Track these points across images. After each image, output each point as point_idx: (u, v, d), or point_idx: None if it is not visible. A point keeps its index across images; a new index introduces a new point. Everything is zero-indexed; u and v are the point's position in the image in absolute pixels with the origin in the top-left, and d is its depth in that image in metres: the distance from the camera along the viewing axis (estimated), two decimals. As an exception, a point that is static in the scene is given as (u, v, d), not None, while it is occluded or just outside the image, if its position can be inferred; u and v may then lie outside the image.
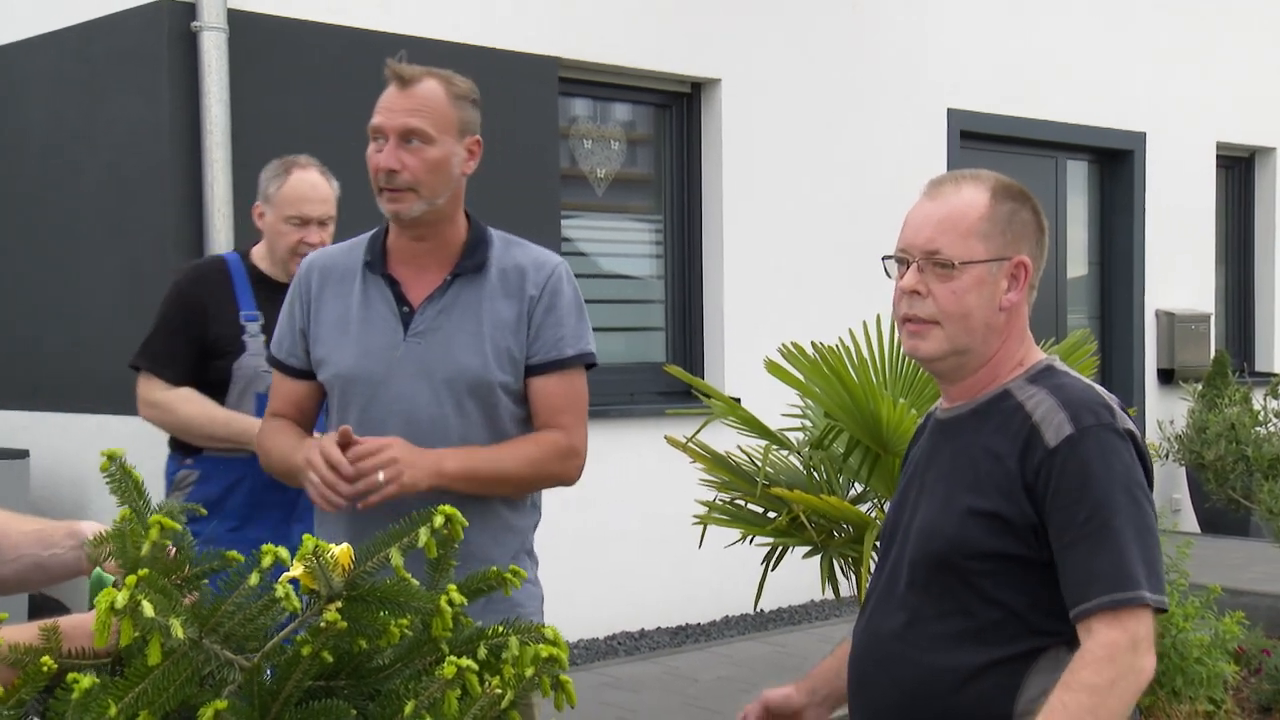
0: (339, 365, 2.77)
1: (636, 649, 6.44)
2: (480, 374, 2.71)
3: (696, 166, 7.18)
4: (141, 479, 1.74)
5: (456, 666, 1.50)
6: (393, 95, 2.72)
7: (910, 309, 2.14)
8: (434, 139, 2.69)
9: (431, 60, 6.28)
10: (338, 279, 2.82)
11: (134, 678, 1.42)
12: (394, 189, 2.68)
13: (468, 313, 2.74)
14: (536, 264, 2.82)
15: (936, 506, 2.12)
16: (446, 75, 2.78)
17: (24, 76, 6.16)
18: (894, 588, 2.17)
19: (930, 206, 2.15)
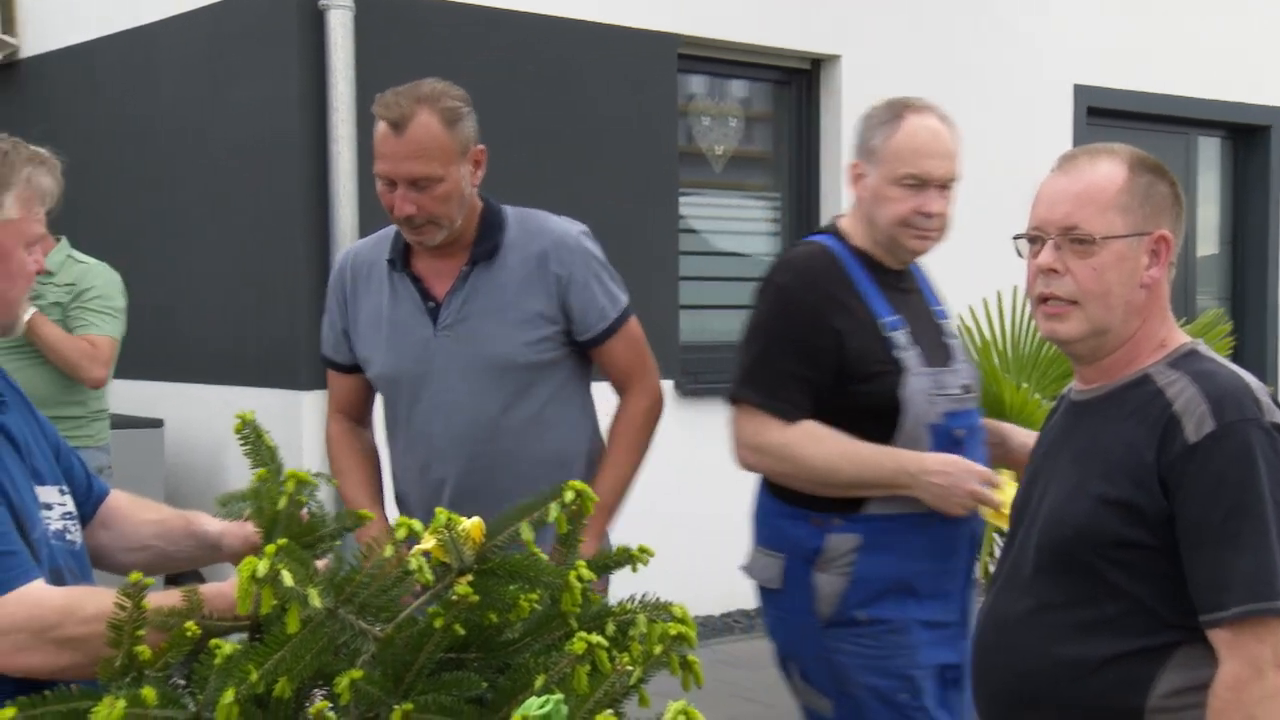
0: (379, 366, 2.85)
1: (752, 627, 6.43)
2: (508, 358, 2.77)
3: (815, 143, 7.11)
4: (275, 444, 1.79)
5: (586, 643, 1.51)
6: (390, 141, 2.69)
7: (1047, 288, 2.07)
8: (441, 176, 2.68)
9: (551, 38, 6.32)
10: (368, 276, 2.88)
11: (273, 645, 1.46)
12: (414, 227, 2.72)
13: (490, 299, 2.78)
14: (556, 241, 2.83)
15: (1067, 492, 2.06)
16: (435, 97, 2.70)
17: (157, 57, 6.32)
18: (1020, 571, 2.12)
19: (1065, 181, 2.08)
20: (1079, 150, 2.15)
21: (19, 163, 1.78)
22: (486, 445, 2.76)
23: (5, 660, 1.63)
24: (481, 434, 2.77)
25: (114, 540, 2.06)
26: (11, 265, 1.78)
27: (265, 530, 1.64)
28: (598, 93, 6.20)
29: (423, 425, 2.81)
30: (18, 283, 1.80)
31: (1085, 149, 2.14)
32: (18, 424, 1.87)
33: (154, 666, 1.49)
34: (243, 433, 1.78)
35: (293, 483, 1.62)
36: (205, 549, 2.05)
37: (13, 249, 1.78)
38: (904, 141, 2.76)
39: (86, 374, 4.45)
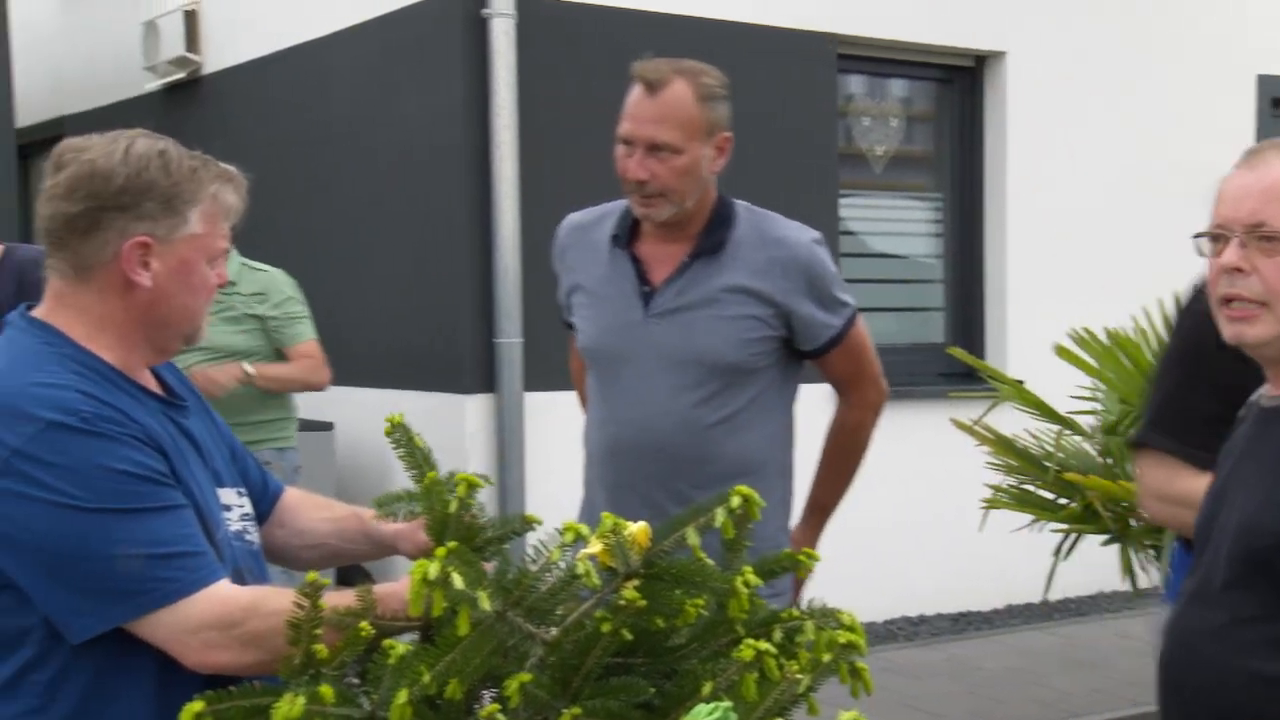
0: (587, 337, 2.85)
1: (916, 635, 6.34)
2: (715, 356, 2.72)
3: (979, 142, 6.97)
4: (427, 446, 1.81)
5: (755, 650, 1.50)
6: (640, 101, 2.68)
7: (1232, 288, 1.98)
8: (681, 148, 2.65)
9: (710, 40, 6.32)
10: (587, 245, 2.87)
11: (444, 647, 1.47)
12: (645, 195, 2.69)
13: (707, 293, 2.73)
14: (786, 244, 2.77)
15: (1260, 501, 1.96)
16: (695, 72, 2.69)
17: (328, 69, 6.49)
18: (1211, 584, 2.03)
19: (1250, 177, 1.99)
20: (1264, 145, 2.05)
21: (207, 179, 1.82)
22: (673, 439, 2.72)
23: (195, 657, 1.68)
24: (670, 427, 2.73)
25: (290, 538, 2.11)
26: (194, 279, 1.83)
27: (435, 533, 1.66)
28: (757, 94, 6.17)
29: (618, 407, 2.79)
30: (200, 295, 1.85)
31: (1271, 143, 2.05)
32: (199, 427, 1.92)
33: (330, 665, 1.52)
34: (393, 435, 1.80)
35: (464, 487, 1.64)
36: (378, 548, 2.09)
37: (196, 263, 1.82)
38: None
39: (319, 382, 4.70)
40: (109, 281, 1.79)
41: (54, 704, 1.70)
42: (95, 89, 8.38)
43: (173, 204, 1.78)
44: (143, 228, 1.77)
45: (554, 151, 5.69)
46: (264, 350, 4.65)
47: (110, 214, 1.76)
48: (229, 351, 4.55)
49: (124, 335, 1.82)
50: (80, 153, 1.78)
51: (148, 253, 1.78)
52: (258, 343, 4.64)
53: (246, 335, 4.62)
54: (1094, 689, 5.40)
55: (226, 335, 4.57)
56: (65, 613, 1.67)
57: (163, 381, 1.93)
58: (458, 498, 1.63)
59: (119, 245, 1.77)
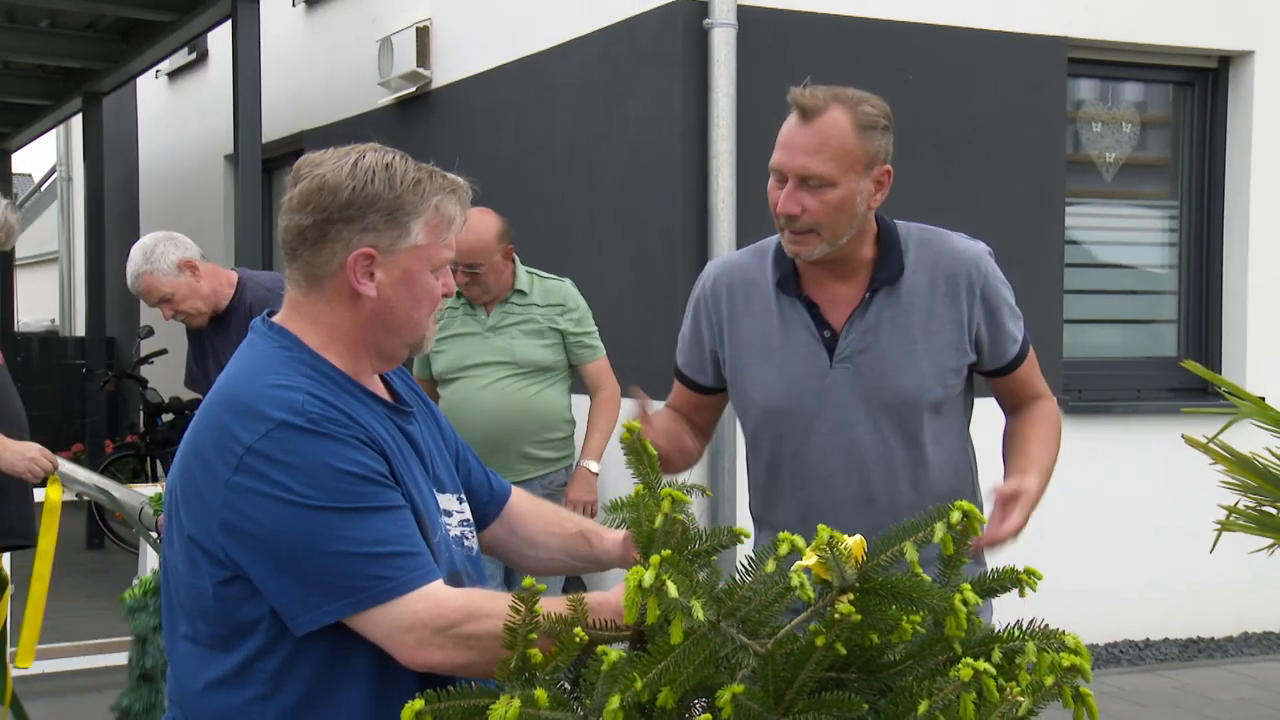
0: (766, 395, 2.65)
1: (1141, 659, 6.09)
2: (917, 394, 2.57)
3: (1220, 148, 6.66)
4: (656, 454, 1.82)
5: (973, 669, 1.46)
6: (794, 129, 2.52)
7: None
8: (835, 181, 2.47)
9: (933, 47, 6.20)
10: (747, 296, 2.68)
11: (657, 655, 1.48)
12: (795, 231, 2.52)
13: (895, 329, 2.58)
14: (967, 264, 2.60)
15: None
16: (855, 100, 2.52)
17: (554, 80, 6.62)
18: None
19: None
20: None
21: (430, 191, 1.86)
22: (887, 484, 2.59)
23: (408, 654, 1.73)
24: (884, 473, 2.59)
25: (520, 545, 2.16)
26: (417, 289, 1.87)
27: (643, 547, 1.67)
28: (984, 100, 6.04)
29: (816, 460, 2.61)
30: (423, 305, 1.89)
31: None
32: (422, 433, 1.98)
33: (544, 669, 1.54)
34: (628, 442, 1.82)
35: (669, 502, 1.64)
36: (603, 564, 2.11)
37: (419, 273, 1.86)
38: None
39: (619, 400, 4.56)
40: (337, 291, 1.86)
41: (279, 693, 1.77)
42: (332, 105, 8.75)
43: (396, 216, 1.83)
44: (367, 239, 1.83)
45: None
46: (563, 365, 4.54)
47: (337, 226, 1.82)
48: (533, 366, 4.45)
49: (352, 343, 1.88)
50: (314, 167, 1.86)
51: (372, 264, 1.84)
52: (559, 357, 4.53)
53: (550, 350, 4.50)
54: (1339, 726, 5.10)
55: (531, 349, 4.48)
56: (291, 605, 1.74)
57: (391, 387, 2.00)
58: (663, 513, 1.63)
59: (345, 256, 1.83)
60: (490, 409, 4.46)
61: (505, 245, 4.51)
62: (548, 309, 4.51)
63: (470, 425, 4.40)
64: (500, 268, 4.50)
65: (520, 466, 4.45)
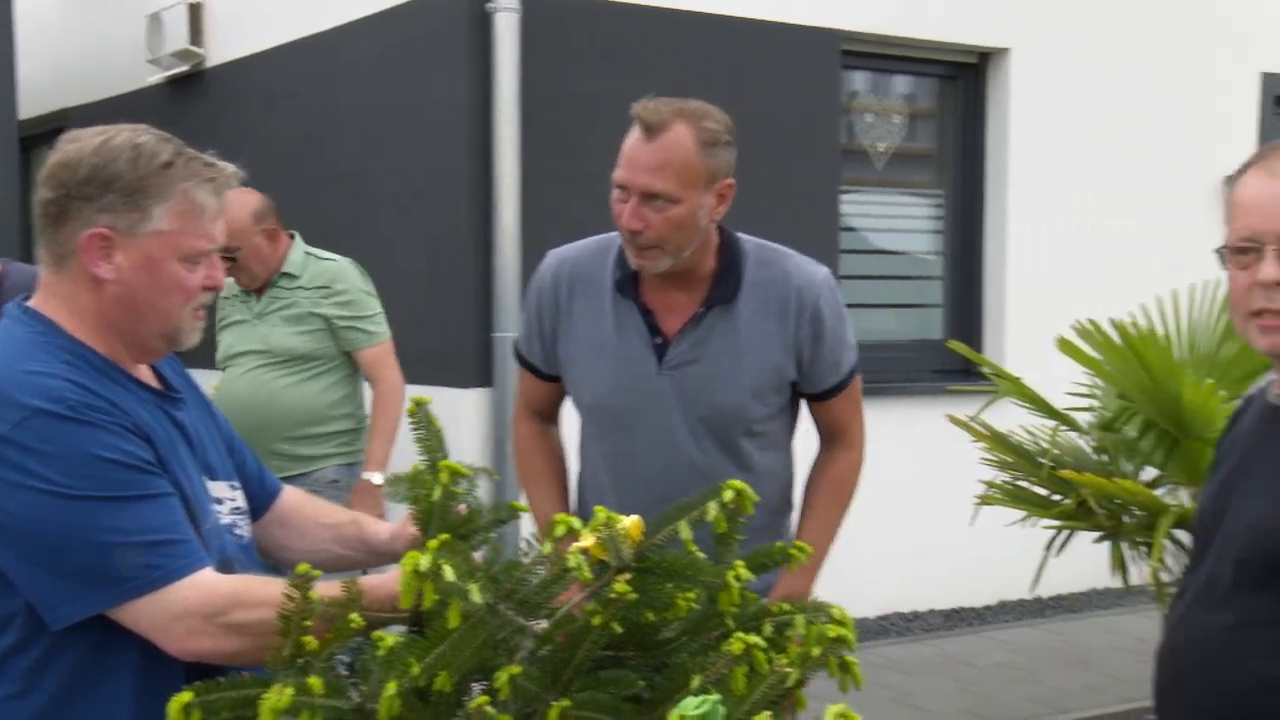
0: (595, 393, 2.70)
1: (909, 630, 6.35)
2: (737, 409, 2.63)
3: (981, 140, 6.97)
4: (443, 431, 1.81)
5: (744, 643, 1.50)
6: (638, 146, 2.52)
7: (1271, 303, 1.94)
8: (679, 198, 2.50)
9: (713, 36, 6.30)
10: (587, 290, 2.70)
11: (434, 639, 1.48)
12: (638, 246, 2.55)
13: (724, 344, 2.63)
14: (800, 286, 2.66)
15: (1273, 506, 1.95)
16: (698, 115, 2.53)
17: (337, 62, 6.48)
18: (1217, 585, 2.02)
19: (1276, 185, 1.94)
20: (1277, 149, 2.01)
21: (180, 177, 1.79)
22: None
23: (177, 644, 1.69)
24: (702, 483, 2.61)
25: (290, 539, 2.12)
26: (162, 277, 1.80)
27: (422, 522, 1.67)
28: (760, 90, 6.17)
29: (637, 464, 2.66)
30: (172, 295, 1.81)
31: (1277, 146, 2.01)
32: (193, 419, 1.93)
33: (319, 656, 1.53)
34: (415, 416, 1.81)
35: (446, 474, 1.64)
36: (376, 555, 2.09)
37: (163, 260, 1.79)
38: None
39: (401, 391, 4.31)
40: (80, 272, 1.79)
41: (35, 690, 1.71)
42: (98, 81, 8.39)
43: (135, 198, 1.77)
44: (104, 220, 1.77)
45: (556, 146, 5.70)
46: (330, 353, 4.29)
47: (76, 203, 1.77)
48: (288, 355, 4.23)
49: (103, 328, 1.82)
50: (68, 143, 1.80)
51: (110, 246, 1.78)
52: (322, 345, 4.28)
53: (309, 337, 4.27)
54: (1085, 685, 5.42)
55: (286, 336, 4.26)
56: (48, 598, 1.68)
57: (160, 374, 1.94)
58: (441, 485, 1.63)
59: (81, 235, 1.77)
60: (241, 401, 4.23)
61: (266, 227, 4.28)
62: (313, 292, 4.28)
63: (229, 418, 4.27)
64: (263, 251, 4.28)
65: (277, 463, 4.16)
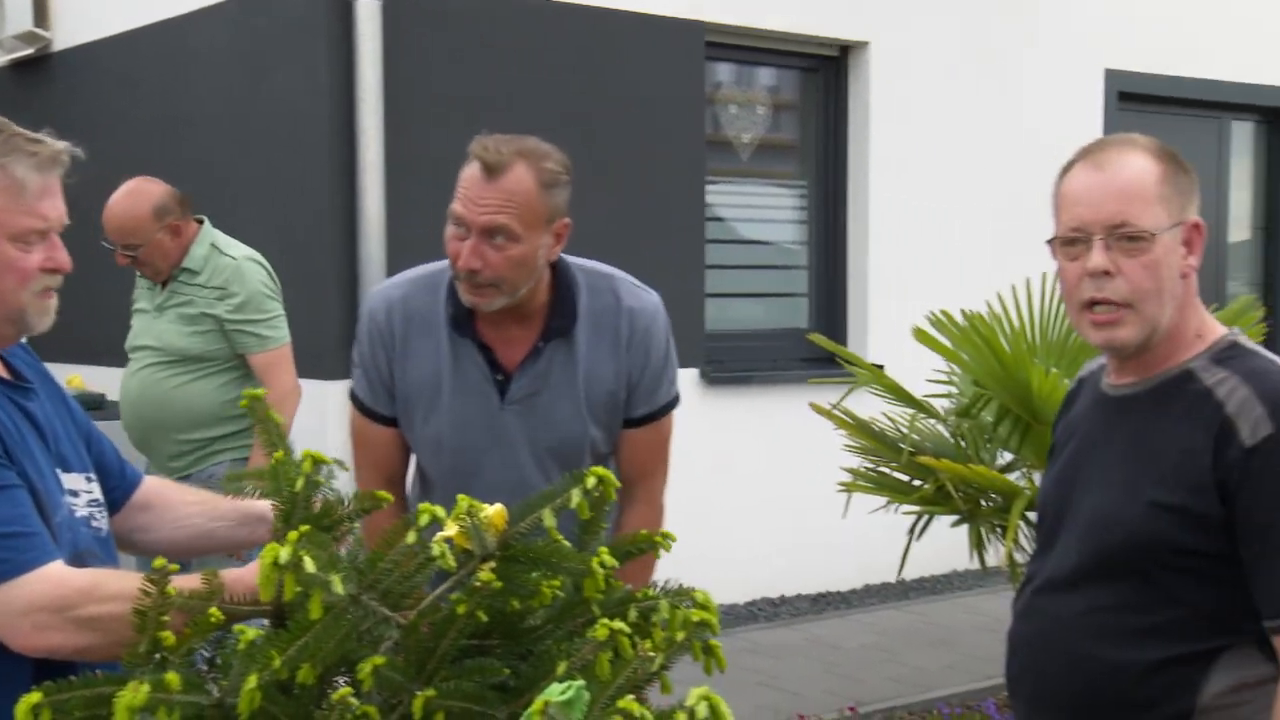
0: (437, 434, 2.67)
1: (777, 615, 6.44)
2: (580, 440, 2.64)
3: (843, 131, 7.09)
4: (283, 424, 1.79)
5: (609, 629, 1.51)
6: (478, 184, 2.49)
7: (1099, 292, 1.98)
8: (519, 238, 2.48)
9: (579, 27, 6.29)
10: (421, 329, 2.66)
11: (296, 631, 1.46)
12: (475, 284, 2.53)
13: (564, 375, 2.64)
14: (630, 311, 2.67)
15: (1116, 495, 2.00)
16: (538, 155, 2.52)
17: (193, 47, 6.34)
18: (1064, 571, 2.07)
19: (1103, 177, 1.99)
20: (1104, 144, 2.06)
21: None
22: None
23: (26, 640, 1.65)
24: None
25: (154, 519, 2.07)
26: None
27: (283, 513, 1.65)
28: (625, 81, 6.19)
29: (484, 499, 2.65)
30: (4, 278, 1.77)
31: (1106, 142, 2.06)
32: (45, 411, 1.88)
33: (178, 652, 1.50)
34: (250, 411, 1.78)
35: (310, 463, 1.63)
36: (250, 520, 2.04)
37: None
38: None
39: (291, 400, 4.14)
40: None
41: None
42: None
43: None
44: None
45: (420, 136, 5.64)
46: (224, 354, 4.13)
47: None
48: (180, 355, 4.09)
49: None
50: None
51: None
52: (215, 346, 4.12)
53: (201, 338, 4.11)
54: (947, 665, 5.55)
55: (178, 335, 4.12)
56: None
57: (10, 365, 1.89)
58: (304, 475, 1.61)
59: None
60: (132, 398, 4.17)
61: (169, 222, 4.15)
62: (209, 292, 4.13)
63: (123, 412, 4.15)
64: (166, 246, 4.14)
65: (171, 464, 4.11)
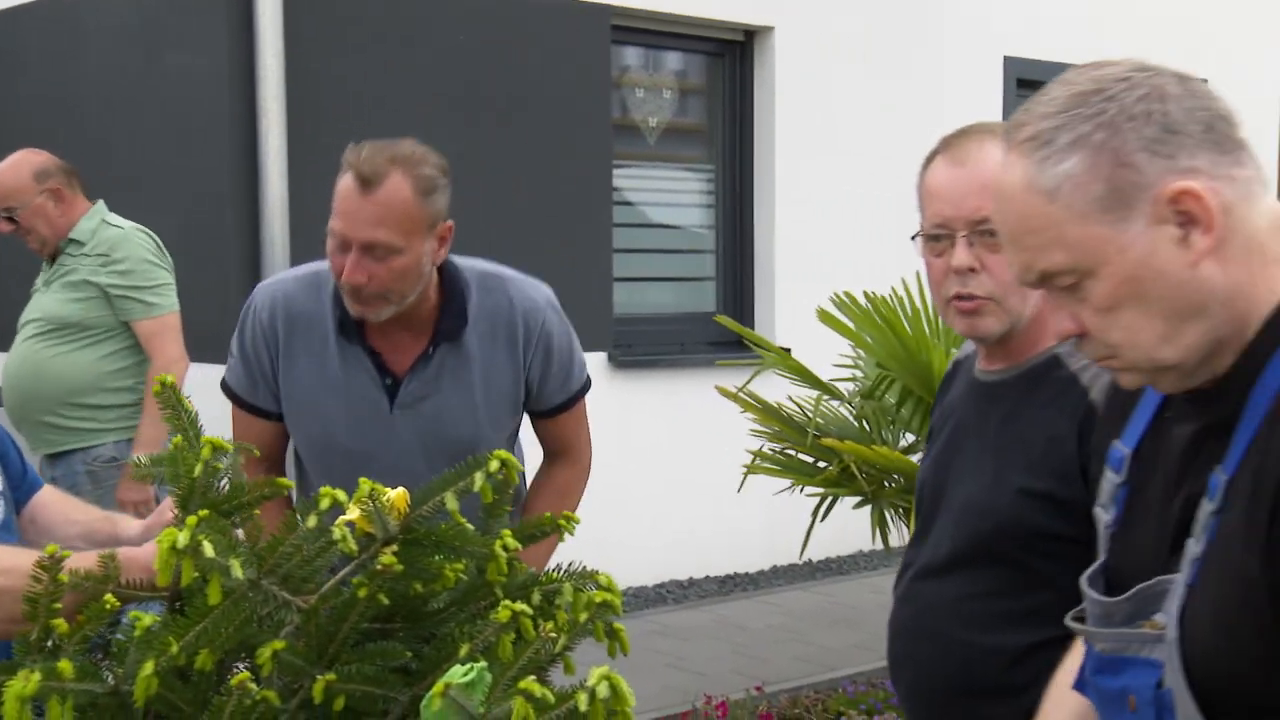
0: (325, 436, 2.66)
1: (685, 597, 6.48)
2: (473, 442, 2.58)
3: (749, 115, 7.13)
4: (194, 410, 1.77)
5: (511, 611, 1.52)
6: (354, 198, 2.44)
7: (965, 288, 1.99)
8: (401, 249, 2.45)
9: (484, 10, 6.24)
10: (307, 329, 2.63)
11: (194, 617, 1.45)
12: (360, 299, 2.50)
13: (456, 379, 2.63)
14: (524, 311, 2.66)
15: (986, 483, 2.02)
16: (413, 162, 2.47)
17: (85, 26, 6.19)
18: (939, 558, 2.09)
19: (963, 173, 2.00)
20: (963, 135, 2.05)
21: None
22: None
23: None
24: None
25: (38, 537, 2.05)
26: None
27: (182, 499, 1.63)
28: (532, 65, 6.17)
29: None
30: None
31: (966, 132, 2.05)
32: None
33: (72, 639, 1.48)
34: (161, 395, 1.76)
35: (209, 449, 1.61)
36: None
37: None
38: None
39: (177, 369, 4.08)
40: None
41: None
42: None
43: None
44: None
45: (324, 119, 5.58)
46: (107, 323, 4.13)
47: None
48: (60, 323, 4.08)
49: None
50: None
51: None
52: (98, 313, 4.12)
53: (80, 305, 4.11)
54: (853, 644, 5.63)
55: (58, 303, 4.11)
56: None
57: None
58: (202, 461, 1.60)
59: None
60: (11, 371, 4.15)
61: (49, 186, 4.17)
62: (93, 259, 4.15)
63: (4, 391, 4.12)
64: (48, 211, 4.17)
65: (50, 437, 4.11)
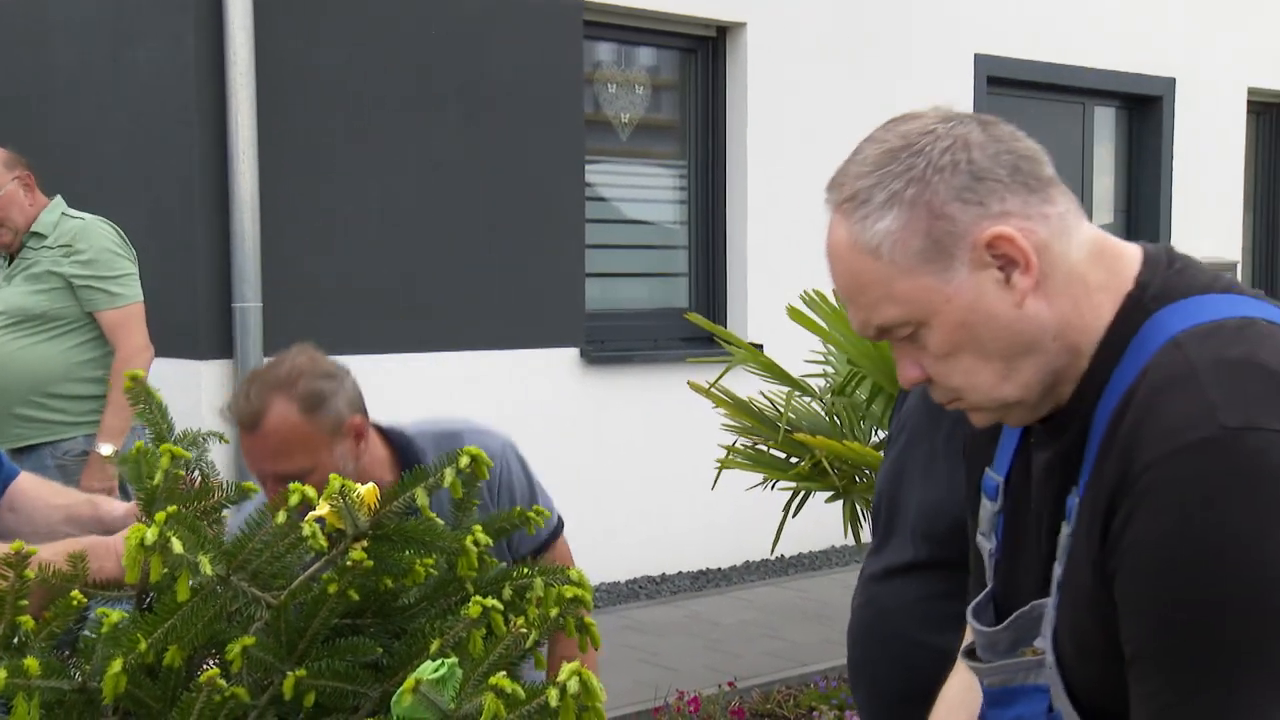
0: None
1: (658, 593, 6.48)
2: None
3: (721, 111, 7.13)
4: (165, 404, 1.77)
5: (481, 606, 1.52)
6: (247, 439, 2.43)
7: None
8: (310, 468, 2.39)
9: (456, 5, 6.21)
10: None
11: (163, 613, 1.44)
12: None
13: None
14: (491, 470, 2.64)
15: (940, 484, 2.04)
16: (291, 380, 2.41)
17: (50, 20, 6.15)
18: (897, 562, 2.12)
19: None
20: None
21: None
22: None
23: None
24: None
25: (20, 524, 2.03)
26: None
27: (145, 503, 1.62)
28: (504, 59, 6.16)
29: None
30: None
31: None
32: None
33: (39, 636, 1.47)
34: (132, 392, 1.75)
35: (168, 458, 1.59)
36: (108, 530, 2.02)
37: None
38: None
39: (141, 359, 4.11)
40: None
41: None
42: None
43: None
44: None
45: (295, 112, 5.55)
46: (72, 314, 4.14)
47: None
48: (23, 315, 4.09)
49: None
50: None
51: None
52: (62, 304, 4.13)
53: (45, 296, 4.13)
54: (824, 639, 5.64)
55: (22, 296, 4.12)
56: None
57: None
58: (163, 470, 1.58)
59: None
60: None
61: (18, 174, 4.21)
62: (55, 251, 4.16)
63: None
64: (19, 199, 4.20)
65: (18, 430, 4.12)
